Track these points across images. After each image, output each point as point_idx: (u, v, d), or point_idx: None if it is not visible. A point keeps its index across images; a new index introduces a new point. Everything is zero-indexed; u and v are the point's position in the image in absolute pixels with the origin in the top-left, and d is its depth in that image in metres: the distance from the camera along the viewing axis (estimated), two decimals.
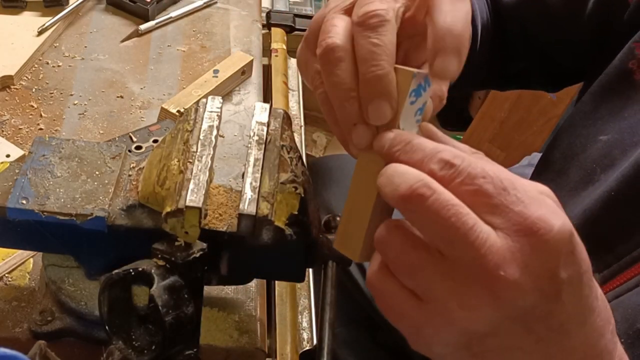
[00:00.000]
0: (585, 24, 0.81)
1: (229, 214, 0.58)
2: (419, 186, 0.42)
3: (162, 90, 0.96)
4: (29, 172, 0.61)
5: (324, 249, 0.62)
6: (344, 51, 0.48)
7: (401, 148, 0.45)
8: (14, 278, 0.71)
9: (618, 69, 0.73)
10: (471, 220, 0.41)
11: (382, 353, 1.07)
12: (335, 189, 1.07)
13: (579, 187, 0.73)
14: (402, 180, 0.42)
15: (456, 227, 0.41)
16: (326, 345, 0.58)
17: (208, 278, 0.62)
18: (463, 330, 0.43)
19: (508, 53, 0.88)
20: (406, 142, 0.45)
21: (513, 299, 0.41)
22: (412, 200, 0.42)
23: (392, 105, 0.47)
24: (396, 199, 0.43)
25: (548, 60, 0.88)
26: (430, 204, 0.41)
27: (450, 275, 0.42)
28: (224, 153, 0.87)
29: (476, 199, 0.42)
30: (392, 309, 0.45)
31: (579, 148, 0.75)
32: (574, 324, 0.44)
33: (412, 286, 0.44)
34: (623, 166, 0.68)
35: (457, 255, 0.42)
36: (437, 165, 0.43)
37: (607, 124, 0.73)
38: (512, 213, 0.41)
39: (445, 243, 0.42)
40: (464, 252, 0.41)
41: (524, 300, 0.41)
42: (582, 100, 0.78)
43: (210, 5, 1.12)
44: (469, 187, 0.42)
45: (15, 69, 0.94)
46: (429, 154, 0.44)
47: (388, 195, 0.43)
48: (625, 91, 0.72)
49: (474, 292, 0.42)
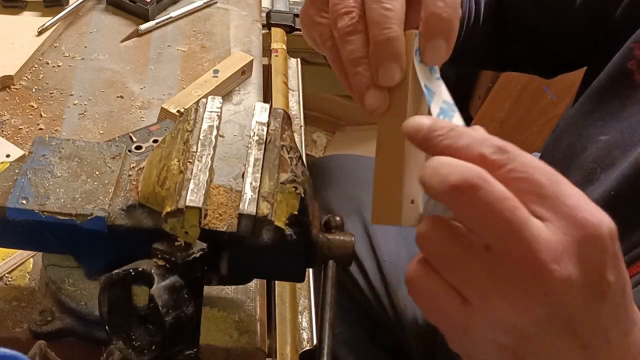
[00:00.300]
0: (576, 16, 0.81)
1: (229, 214, 0.58)
2: (472, 176, 0.40)
3: (162, 90, 0.96)
4: (29, 172, 0.61)
5: (324, 249, 0.62)
6: (358, 17, 0.50)
7: (445, 133, 0.43)
8: (14, 278, 0.71)
9: (617, 69, 0.73)
10: (524, 215, 0.40)
11: (382, 353, 1.07)
12: (335, 189, 1.08)
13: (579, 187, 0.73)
14: (451, 171, 0.40)
15: (510, 221, 0.39)
16: (326, 345, 0.57)
17: (208, 278, 0.62)
18: (511, 331, 0.42)
19: (507, 36, 0.89)
20: (450, 128, 0.43)
21: (564, 297, 0.40)
22: (464, 191, 0.40)
23: (402, 66, 0.49)
24: (445, 190, 0.40)
25: (545, 48, 0.88)
26: (483, 195, 0.39)
27: (498, 272, 0.41)
28: (224, 153, 0.87)
29: (525, 188, 0.40)
30: (434, 308, 0.44)
31: (579, 148, 0.75)
32: (617, 333, 0.42)
33: (456, 284, 0.42)
34: (623, 166, 0.68)
35: (506, 251, 0.40)
36: (489, 150, 0.41)
37: (607, 124, 0.73)
38: (562, 205, 0.40)
39: (495, 237, 0.40)
40: (515, 248, 0.40)
41: (575, 298, 0.40)
42: (582, 101, 0.78)
43: (210, 5, 1.12)
44: (520, 174, 0.40)
45: (15, 69, 0.94)
46: (478, 139, 0.42)
47: (435, 186, 0.41)
48: (625, 91, 0.72)
49: (524, 289, 0.40)
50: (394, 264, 0.98)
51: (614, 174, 0.69)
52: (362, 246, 1.00)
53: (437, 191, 0.41)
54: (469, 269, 0.41)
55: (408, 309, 0.96)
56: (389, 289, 0.98)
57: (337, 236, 0.62)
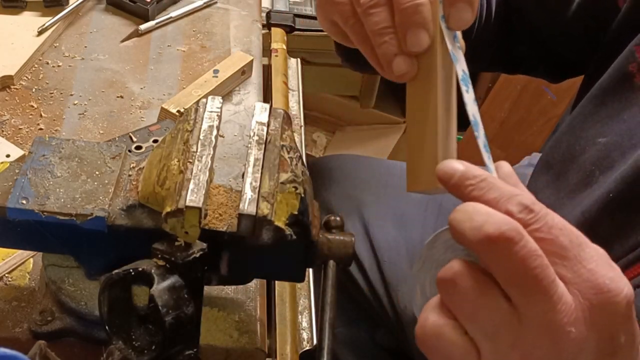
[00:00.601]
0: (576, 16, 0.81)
1: (229, 214, 0.58)
2: (508, 229, 0.40)
3: (162, 90, 0.96)
4: (29, 172, 0.61)
5: (324, 249, 0.62)
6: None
7: (476, 184, 0.44)
8: (14, 278, 0.71)
9: (618, 71, 0.73)
10: (552, 274, 0.41)
11: (382, 353, 1.07)
12: (335, 189, 1.08)
13: (578, 189, 0.73)
14: (487, 220, 0.41)
15: (539, 278, 0.40)
16: (326, 345, 0.57)
17: (208, 278, 0.62)
18: None
19: (512, 36, 0.89)
20: (480, 179, 0.44)
21: (576, 357, 0.41)
22: (499, 244, 0.40)
23: (430, 32, 0.50)
24: (479, 239, 0.41)
25: (548, 49, 0.88)
26: (518, 250, 0.40)
27: (517, 325, 0.42)
28: (224, 153, 0.87)
29: (548, 249, 0.41)
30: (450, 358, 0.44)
31: (578, 150, 0.75)
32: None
33: (475, 333, 0.43)
34: (622, 168, 0.68)
35: (529, 306, 0.41)
36: (516, 208, 0.42)
37: (606, 126, 0.73)
38: (584, 270, 0.41)
39: (522, 292, 0.41)
40: (538, 305, 0.41)
41: (586, 358, 0.42)
42: (582, 103, 0.78)
43: (210, 5, 1.12)
44: (544, 235, 0.41)
45: (15, 69, 0.94)
46: (506, 194, 0.43)
47: (467, 233, 0.42)
48: (625, 94, 0.72)
49: (539, 345, 0.41)
50: (394, 264, 0.98)
51: (612, 176, 0.69)
52: (362, 246, 1.00)
53: (469, 239, 0.42)
54: (492, 319, 0.42)
55: (408, 309, 0.96)
56: (389, 289, 0.98)
57: (337, 236, 0.62)
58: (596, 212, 0.68)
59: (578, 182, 0.73)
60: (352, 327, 1.05)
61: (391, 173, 1.08)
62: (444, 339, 0.43)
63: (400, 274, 0.97)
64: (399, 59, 0.51)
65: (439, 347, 0.44)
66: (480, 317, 0.42)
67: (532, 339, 0.41)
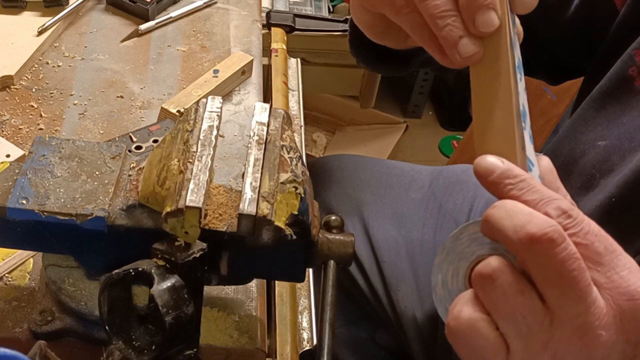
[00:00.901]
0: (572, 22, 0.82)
1: (229, 214, 0.58)
2: (551, 231, 0.41)
3: (162, 90, 0.96)
4: (29, 172, 0.61)
5: (324, 249, 0.62)
6: None
7: (515, 184, 0.44)
8: (14, 278, 0.71)
9: (618, 75, 0.73)
10: (588, 278, 0.42)
11: (382, 353, 1.07)
12: (335, 189, 1.07)
13: (580, 193, 0.73)
14: (530, 220, 0.42)
15: (577, 281, 0.41)
16: (326, 345, 0.57)
17: (208, 278, 0.62)
18: None
19: None
20: (520, 179, 0.44)
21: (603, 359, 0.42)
22: (541, 243, 0.41)
23: (498, 13, 0.50)
24: (521, 238, 0.42)
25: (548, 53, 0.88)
26: (559, 252, 0.41)
27: (549, 326, 0.42)
28: (224, 153, 0.87)
29: (584, 254, 0.42)
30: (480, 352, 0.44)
31: (578, 154, 0.75)
32: None
33: (508, 331, 0.43)
34: (623, 172, 0.68)
35: (563, 307, 0.42)
36: (555, 212, 0.43)
37: (606, 130, 0.73)
38: (616, 276, 0.42)
39: (558, 293, 0.42)
40: (572, 307, 0.42)
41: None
42: (582, 107, 0.78)
43: (210, 5, 1.12)
44: (581, 240, 0.42)
45: (15, 69, 0.94)
46: (546, 197, 0.43)
47: (508, 232, 0.42)
48: (624, 97, 0.72)
49: (570, 347, 0.42)
50: (394, 264, 0.98)
51: (613, 180, 0.69)
52: (362, 246, 1.00)
53: (509, 236, 0.42)
54: (526, 319, 0.43)
55: (408, 309, 0.96)
56: (389, 289, 0.98)
57: (337, 236, 0.62)
58: (599, 217, 0.68)
59: (580, 187, 0.73)
60: (352, 327, 1.05)
61: (391, 173, 1.08)
62: (477, 333, 0.44)
63: (400, 274, 0.97)
64: (465, 41, 0.51)
65: (472, 340, 0.44)
66: (516, 316, 0.43)
67: (564, 340, 0.42)
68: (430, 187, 1.04)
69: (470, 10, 0.50)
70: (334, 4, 1.96)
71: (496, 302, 0.43)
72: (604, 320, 0.42)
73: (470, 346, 0.44)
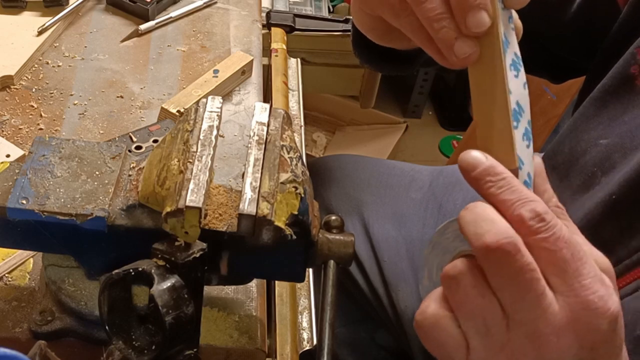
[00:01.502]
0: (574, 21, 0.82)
1: (229, 214, 0.58)
2: (506, 243, 0.42)
3: (162, 90, 0.96)
4: (29, 172, 0.61)
5: (324, 249, 0.62)
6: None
7: (495, 182, 0.45)
8: (14, 278, 0.71)
9: (620, 74, 0.73)
10: (543, 286, 0.43)
11: (382, 353, 1.07)
12: (335, 189, 1.08)
13: (581, 191, 0.73)
14: (489, 229, 0.43)
15: (530, 289, 0.43)
16: (326, 345, 0.57)
17: (208, 278, 0.62)
18: None
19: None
20: (501, 177, 0.45)
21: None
22: (496, 253, 0.42)
23: (489, 12, 0.50)
24: (478, 245, 0.43)
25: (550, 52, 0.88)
26: (512, 262, 0.42)
27: (506, 328, 0.44)
28: (224, 153, 0.87)
29: (550, 259, 0.43)
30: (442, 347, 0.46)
31: (579, 152, 0.75)
32: None
33: (468, 329, 0.45)
34: (624, 170, 0.68)
35: (518, 313, 0.43)
36: (529, 214, 0.43)
37: (608, 128, 0.73)
38: (577, 284, 0.43)
39: (513, 299, 0.43)
40: (526, 313, 0.43)
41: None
42: (584, 105, 0.78)
43: (210, 5, 1.12)
44: (550, 246, 0.43)
45: (15, 69, 0.94)
46: (523, 198, 0.44)
47: (470, 237, 0.44)
48: (626, 96, 0.72)
49: (524, 350, 0.44)
50: (394, 263, 0.98)
51: (614, 178, 0.69)
52: (362, 246, 1.00)
53: (472, 242, 0.44)
54: (486, 320, 0.44)
55: (408, 309, 0.96)
56: (389, 289, 0.98)
57: (337, 236, 0.62)
58: (599, 214, 0.69)
59: (581, 184, 0.73)
60: (352, 327, 1.05)
61: (391, 173, 1.08)
62: (440, 329, 0.46)
63: (400, 274, 0.97)
64: (460, 42, 0.51)
65: (435, 335, 0.46)
66: (476, 317, 0.44)
67: (518, 343, 0.44)
68: (430, 187, 1.04)
69: (462, 12, 0.51)
70: (334, 4, 1.96)
71: (459, 302, 0.45)
72: (556, 327, 0.43)
73: (434, 340, 0.46)
